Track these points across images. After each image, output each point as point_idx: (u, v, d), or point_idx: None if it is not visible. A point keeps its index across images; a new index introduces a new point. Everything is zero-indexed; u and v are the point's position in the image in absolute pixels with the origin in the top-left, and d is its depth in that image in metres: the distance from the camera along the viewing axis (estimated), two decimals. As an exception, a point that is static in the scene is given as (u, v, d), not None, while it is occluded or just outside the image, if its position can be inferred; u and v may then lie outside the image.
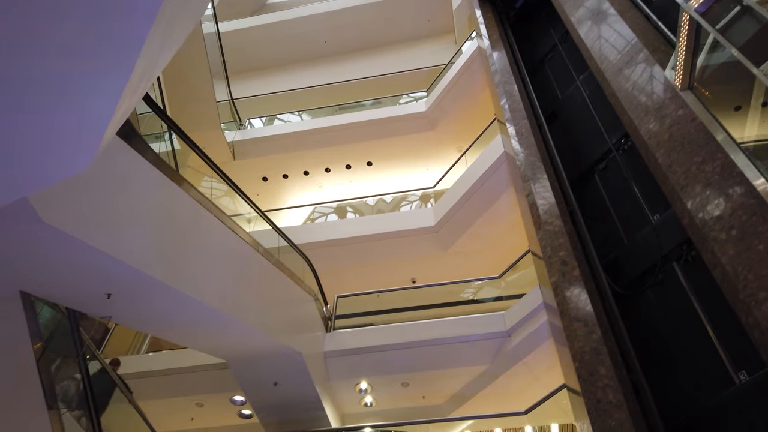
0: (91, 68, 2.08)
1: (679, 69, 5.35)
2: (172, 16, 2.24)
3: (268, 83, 17.37)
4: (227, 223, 6.02)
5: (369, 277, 11.54)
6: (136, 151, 4.31)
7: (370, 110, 13.96)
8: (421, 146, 13.55)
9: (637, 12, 7.09)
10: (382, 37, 17.47)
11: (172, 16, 2.22)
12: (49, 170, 2.34)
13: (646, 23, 6.89)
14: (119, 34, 1.95)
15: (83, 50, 1.99)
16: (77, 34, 1.89)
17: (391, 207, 13.71)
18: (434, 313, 9.32)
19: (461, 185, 9.99)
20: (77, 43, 1.93)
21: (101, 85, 2.15)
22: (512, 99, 8.92)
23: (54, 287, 4.41)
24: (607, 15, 7.52)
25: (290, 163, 14.14)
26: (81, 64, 2.04)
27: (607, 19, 7.45)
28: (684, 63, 5.25)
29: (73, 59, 2.01)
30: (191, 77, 12.31)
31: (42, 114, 2.13)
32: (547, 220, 6.68)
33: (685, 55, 5.19)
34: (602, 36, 7.46)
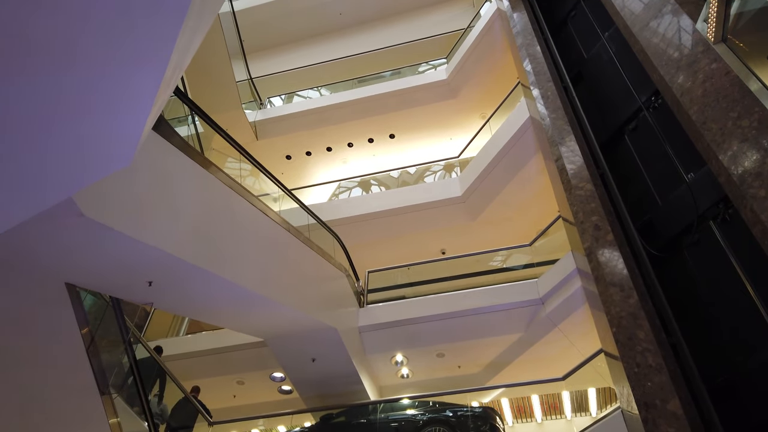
0: (128, 67, 2.09)
1: (712, 20, 5.14)
2: (201, 4, 2.22)
3: (285, 60, 17.29)
4: (258, 206, 6.08)
5: (398, 250, 11.58)
6: (164, 139, 4.35)
7: (389, 81, 13.80)
8: (444, 115, 13.38)
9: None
10: (398, 4, 17.14)
11: (201, 3, 2.21)
12: (92, 169, 2.39)
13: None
14: (154, 28, 1.95)
15: (119, 49, 2.00)
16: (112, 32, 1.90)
17: (415, 179, 13.67)
18: (465, 284, 9.34)
19: (487, 153, 9.87)
20: (112, 42, 1.94)
21: (138, 83, 2.17)
22: (536, 61, 8.71)
23: (97, 277, 4.54)
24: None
25: (312, 139, 14.14)
26: (117, 64, 2.06)
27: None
28: (717, 14, 5.03)
29: (109, 59, 2.03)
30: (209, 59, 12.30)
31: (82, 115, 2.17)
32: (578, 185, 6.58)
33: (718, 6, 4.98)
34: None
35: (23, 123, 2.11)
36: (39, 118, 2.13)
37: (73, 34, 1.84)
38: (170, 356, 8.90)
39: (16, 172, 2.24)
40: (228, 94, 12.88)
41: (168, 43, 2.02)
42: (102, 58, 2.02)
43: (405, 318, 8.44)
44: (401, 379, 9.31)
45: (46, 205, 2.40)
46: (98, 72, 2.06)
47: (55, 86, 2.02)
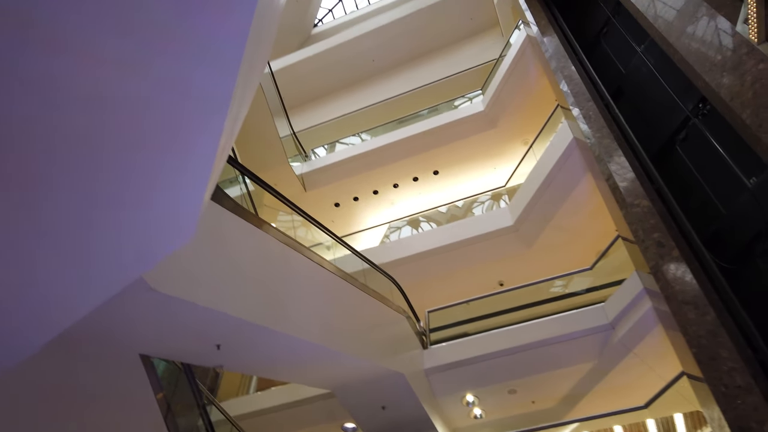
0: (185, 142, 2.21)
1: (752, 21, 5.00)
2: (249, 66, 2.34)
3: (325, 111, 17.79)
4: (313, 258, 6.18)
5: (455, 286, 11.47)
6: (218, 204, 4.53)
7: (427, 119, 13.95)
8: (485, 146, 13.37)
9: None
10: (428, 44, 17.46)
11: (249, 65, 2.33)
12: (158, 248, 2.51)
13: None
14: (206, 94, 2.05)
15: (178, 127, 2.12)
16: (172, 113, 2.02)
17: (464, 212, 13.61)
18: (528, 314, 9.10)
19: (534, 179, 9.75)
20: (173, 122, 2.06)
21: (195, 158, 2.28)
22: (573, 82, 8.65)
23: (168, 346, 4.69)
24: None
25: (358, 185, 14.35)
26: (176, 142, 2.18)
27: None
28: (757, 14, 4.90)
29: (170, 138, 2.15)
30: (253, 119, 12.80)
31: (145, 198, 2.29)
32: (633, 202, 6.39)
33: (757, 6, 4.85)
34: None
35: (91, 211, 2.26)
36: (105, 203, 2.27)
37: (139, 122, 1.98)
38: (242, 415, 8.99)
39: (89, 260, 2.38)
40: (273, 150, 13.31)
41: (220, 114, 2.13)
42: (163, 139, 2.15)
43: (471, 356, 8.27)
44: (474, 420, 9.06)
45: (119, 287, 2.53)
46: (159, 152, 2.19)
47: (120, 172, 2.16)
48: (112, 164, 2.07)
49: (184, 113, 2.11)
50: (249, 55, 2.18)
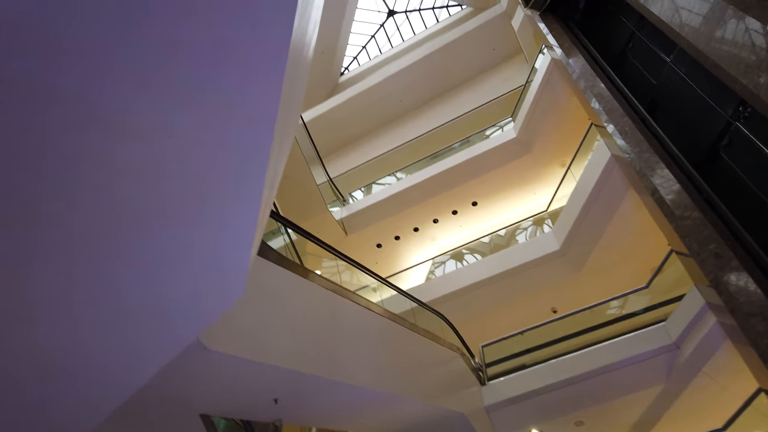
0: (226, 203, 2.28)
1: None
2: (284, 121, 2.41)
3: (358, 154, 18.07)
4: (360, 303, 6.18)
5: (507, 317, 11.22)
6: (264, 258, 4.61)
7: (460, 152, 13.97)
8: (522, 172, 13.26)
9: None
10: (453, 79, 17.65)
11: (284, 120, 2.40)
12: (210, 309, 2.57)
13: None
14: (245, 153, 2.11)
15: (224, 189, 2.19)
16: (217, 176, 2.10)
17: (507, 240, 13.42)
18: (586, 340, 8.80)
19: (576, 200, 9.58)
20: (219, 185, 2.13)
21: (240, 216, 2.35)
22: (604, 100, 8.55)
23: (227, 403, 4.72)
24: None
25: (398, 224, 14.38)
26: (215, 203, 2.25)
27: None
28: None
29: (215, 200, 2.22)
30: (290, 169, 13.08)
31: (189, 262, 2.36)
32: (683, 214, 6.19)
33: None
34: (679, 7, 7.01)
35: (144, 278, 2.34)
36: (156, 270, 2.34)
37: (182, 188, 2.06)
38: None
39: (148, 326, 2.45)
40: (312, 198, 13.53)
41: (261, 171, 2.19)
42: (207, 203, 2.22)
43: (532, 389, 8.01)
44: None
45: (177, 350, 2.58)
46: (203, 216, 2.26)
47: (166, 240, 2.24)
48: (157, 234, 2.15)
49: (225, 174, 2.19)
50: (283, 111, 2.26)
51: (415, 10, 19.40)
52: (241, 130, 2.05)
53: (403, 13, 19.49)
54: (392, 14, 19.48)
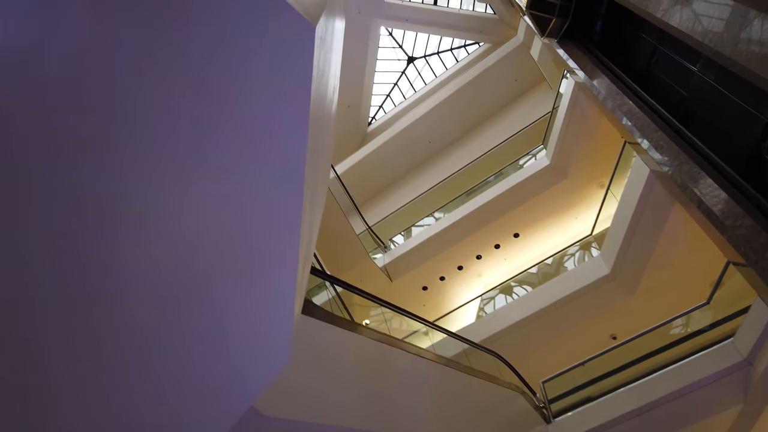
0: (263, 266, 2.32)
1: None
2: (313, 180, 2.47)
3: (394, 199, 18.19)
4: (411, 350, 6.09)
5: (564, 348, 10.85)
6: (309, 316, 4.62)
7: (496, 185, 13.90)
8: (561, 198, 13.05)
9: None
10: (480, 114, 17.76)
11: (313, 179, 2.45)
12: (260, 377, 2.59)
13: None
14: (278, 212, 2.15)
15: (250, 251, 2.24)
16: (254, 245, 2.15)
17: (555, 268, 13.11)
18: (651, 365, 8.39)
19: (620, 221, 9.33)
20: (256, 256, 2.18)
21: (277, 277, 2.38)
22: (634, 117, 8.43)
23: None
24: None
25: (442, 264, 14.28)
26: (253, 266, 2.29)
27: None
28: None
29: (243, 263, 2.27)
30: (328, 223, 13.25)
31: (234, 329, 2.40)
32: (734, 224, 5.94)
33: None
34: (698, 15, 6.93)
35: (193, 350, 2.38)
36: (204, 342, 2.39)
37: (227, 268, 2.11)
38: None
39: (203, 399, 2.48)
40: (353, 248, 13.63)
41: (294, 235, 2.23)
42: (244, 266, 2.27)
43: (600, 423, 7.63)
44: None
45: (232, 422, 2.60)
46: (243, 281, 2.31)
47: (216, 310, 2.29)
48: (200, 307, 2.20)
49: (259, 241, 2.24)
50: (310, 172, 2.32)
51: (434, 54, 19.78)
52: (272, 194, 2.11)
53: (422, 58, 19.89)
54: (412, 60, 19.92)
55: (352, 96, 19.02)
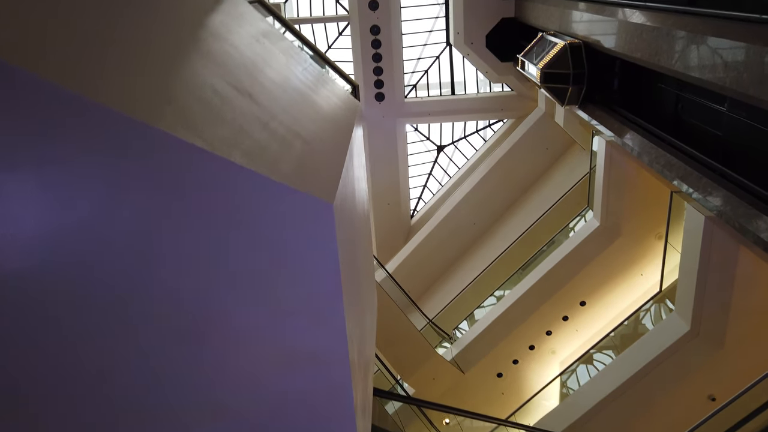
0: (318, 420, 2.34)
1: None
2: (356, 300, 2.50)
3: (450, 287, 18.01)
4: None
5: (661, 418, 10.04)
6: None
7: (550, 255, 13.62)
8: (620, 257, 12.63)
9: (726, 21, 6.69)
10: (518, 187, 17.80)
11: (356, 300, 2.49)
12: None
13: (743, 25, 6.41)
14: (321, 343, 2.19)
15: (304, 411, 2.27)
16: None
17: (633, 327, 12.45)
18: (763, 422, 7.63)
19: (687, 273, 8.91)
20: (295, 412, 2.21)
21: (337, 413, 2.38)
22: (674, 167, 8.28)
23: None
24: (703, 39, 7.10)
25: (511, 347, 13.80)
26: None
27: (706, 42, 7.03)
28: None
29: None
30: (387, 324, 13.15)
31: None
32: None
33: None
34: (712, 61, 6.94)
35: None
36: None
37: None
38: None
39: None
40: (418, 345, 13.40)
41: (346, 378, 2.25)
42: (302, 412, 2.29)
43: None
44: None
45: None
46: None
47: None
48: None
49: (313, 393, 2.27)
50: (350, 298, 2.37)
51: (462, 138, 20.29)
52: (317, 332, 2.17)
53: (451, 144, 20.42)
54: (442, 149, 20.46)
55: (390, 194, 19.50)
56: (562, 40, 11.75)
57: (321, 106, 2.45)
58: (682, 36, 7.54)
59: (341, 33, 18.66)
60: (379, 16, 17.37)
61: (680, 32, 7.59)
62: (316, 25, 18.64)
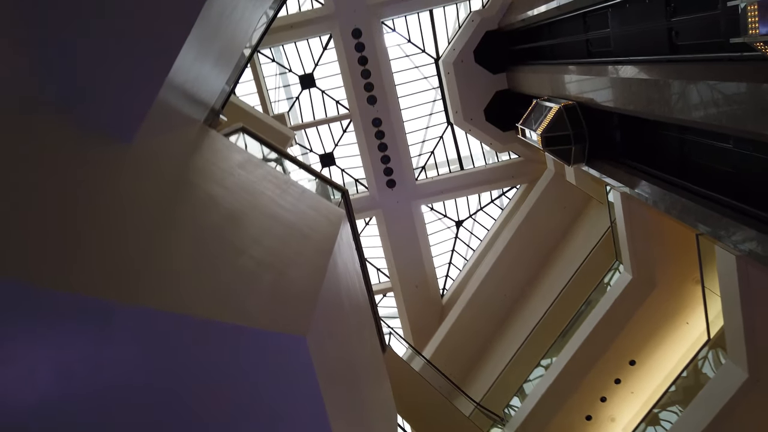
0: None
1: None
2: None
3: (492, 363, 17.37)
4: None
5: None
6: None
7: (588, 317, 13.14)
8: (660, 308, 12.12)
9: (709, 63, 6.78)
10: (543, 250, 17.54)
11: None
12: None
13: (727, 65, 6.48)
14: None
15: None
16: None
17: (694, 378, 11.70)
18: None
19: (731, 317, 8.47)
20: None
21: None
22: (692, 211, 8.12)
23: None
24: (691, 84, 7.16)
25: (567, 420, 13.10)
26: None
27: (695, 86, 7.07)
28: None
29: None
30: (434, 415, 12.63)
31: None
32: None
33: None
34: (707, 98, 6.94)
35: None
36: None
37: None
38: None
39: None
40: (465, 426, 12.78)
41: None
42: None
43: None
44: None
45: None
46: None
47: None
48: None
49: None
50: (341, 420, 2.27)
51: (478, 210, 20.34)
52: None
53: (469, 218, 20.45)
54: (460, 224, 20.48)
55: (416, 276, 19.38)
56: (556, 103, 12.00)
57: (299, 227, 2.48)
58: (670, 83, 7.65)
59: (345, 130, 19.36)
60: (379, 109, 18.07)
61: (668, 80, 7.71)
62: (321, 127, 19.41)
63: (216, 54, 2.80)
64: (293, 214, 2.53)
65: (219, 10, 2.51)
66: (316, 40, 18.31)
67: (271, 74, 18.98)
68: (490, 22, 16.96)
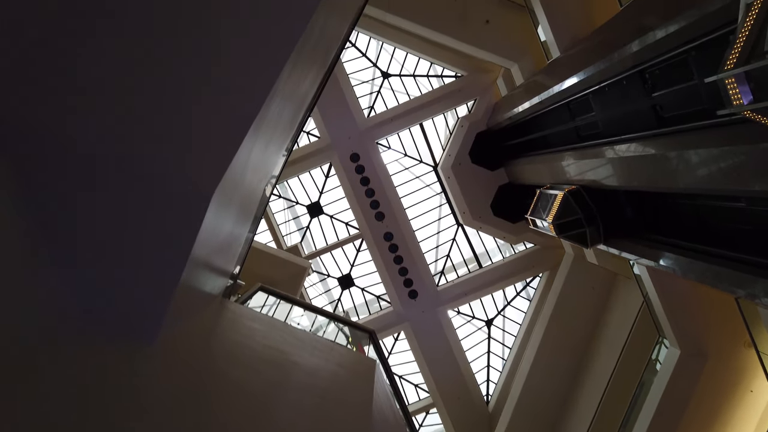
0: None
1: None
2: None
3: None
4: None
5: None
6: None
7: (646, 401, 12.35)
8: (718, 379, 11.38)
9: (701, 131, 6.89)
10: (581, 336, 16.87)
11: None
12: None
13: (719, 130, 6.58)
14: None
15: None
16: None
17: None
18: None
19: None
20: None
21: None
22: (723, 276, 7.85)
23: None
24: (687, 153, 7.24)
25: None
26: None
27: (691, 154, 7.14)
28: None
29: None
30: None
31: None
32: None
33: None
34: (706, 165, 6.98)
35: None
36: None
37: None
38: None
39: None
40: None
41: None
42: None
43: None
44: None
45: None
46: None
47: None
48: None
49: None
50: None
51: (506, 306, 19.93)
52: None
53: (498, 315, 20.00)
54: (490, 323, 19.98)
55: (457, 388, 18.61)
56: (560, 190, 12.14)
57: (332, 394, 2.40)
58: (668, 155, 7.74)
59: (359, 249, 19.55)
60: (388, 224, 18.36)
61: (664, 153, 7.81)
62: (335, 251, 19.63)
63: (231, 225, 2.87)
64: (324, 379, 2.45)
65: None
66: (318, 170, 19.06)
67: (280, 209, 19.55)
68: (479, 124, 17.68)
